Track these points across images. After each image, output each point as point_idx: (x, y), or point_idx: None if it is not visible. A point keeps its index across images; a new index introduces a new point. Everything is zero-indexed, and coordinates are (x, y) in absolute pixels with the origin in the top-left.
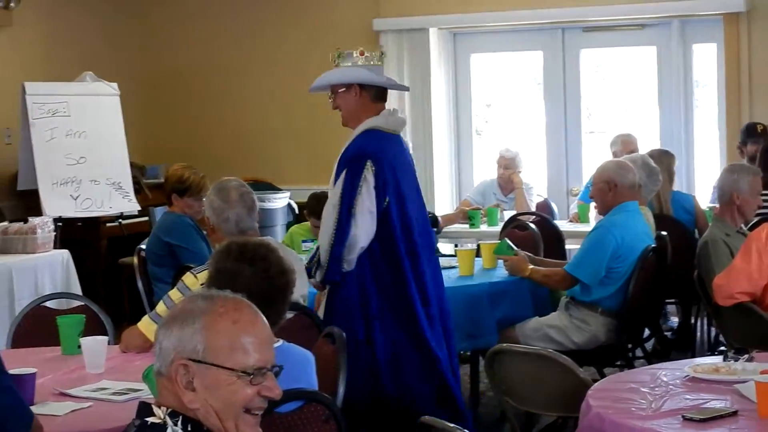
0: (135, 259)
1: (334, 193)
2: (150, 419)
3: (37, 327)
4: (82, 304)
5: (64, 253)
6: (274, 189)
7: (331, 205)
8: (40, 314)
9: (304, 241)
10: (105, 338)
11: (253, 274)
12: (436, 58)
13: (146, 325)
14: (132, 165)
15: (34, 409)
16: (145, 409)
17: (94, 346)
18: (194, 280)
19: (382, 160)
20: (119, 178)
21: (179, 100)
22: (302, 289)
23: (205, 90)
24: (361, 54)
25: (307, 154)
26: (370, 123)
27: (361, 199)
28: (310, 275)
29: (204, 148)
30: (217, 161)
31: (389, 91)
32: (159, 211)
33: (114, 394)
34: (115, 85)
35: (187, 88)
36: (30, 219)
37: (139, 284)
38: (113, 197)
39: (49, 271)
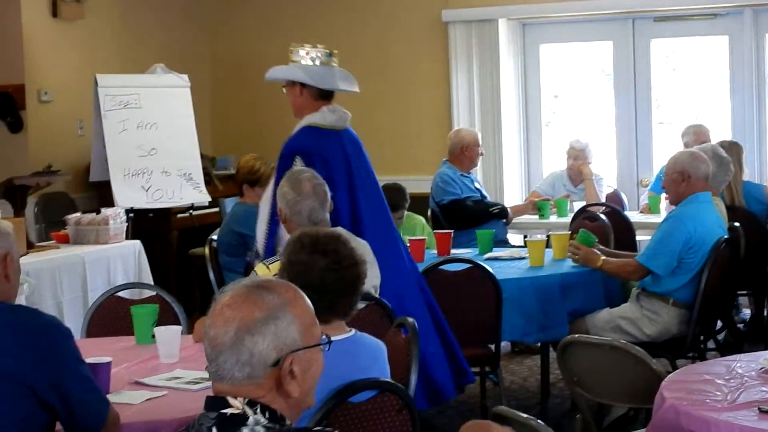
0: (206, 250)
1: (268, 187)
2: (228, 410)
3: (110, 317)
4: (155, 294)
5: (136, 244)
6: None
7: (266, 198)
8: (114, 304)
9: None
10: (179, 328)
11: (326, 266)
12: (504, 49)
13: None
14: (202, 156)
15: (109, 397)
16: (216, 401)
17: (168, 335)
18: (266, 270)
19: (312, 155)
20: (190, 169)
21: (249, 91)
22: (374, 279)
23: (275, 81)
24: (307, 53)
25: (375, 145)
26: (307, 120)
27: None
28: (251, 267)
29: (273, 139)
30: None
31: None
32: (229, 202)
33: (188, 383)
34: (185, 76)
35: (257, 79)
36: (102, 210)
37: (211, 275)
38: (184, 188)
39: (121, 262)
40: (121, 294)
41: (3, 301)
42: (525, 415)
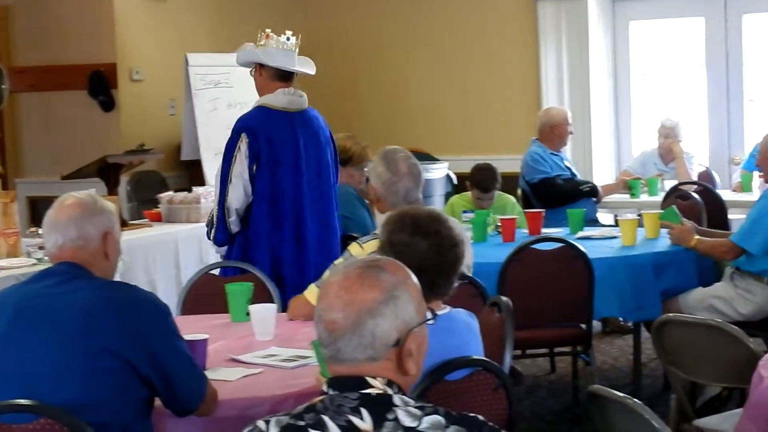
0: None
1: (220, 162)
2: (370, 391)
3: (204, 295)
4: (249, 272)
5: None
6: (433, 159)
7: (218, 172)
8: (208, 282)
9: (464, 212)
10: (274, 306)
11: (428, 249)
12: (594, 26)
13: (313, 294)
14: None
15: (207, 374)
16: (350, 382)
17: (264, 313)
18: (360, 250)
19: (257, 133)
20: None
21: (339, 71)
22: (468, 258)
23: (366, 61)
24: (267, 37)
25: (464, 125)
26: (261, 100)
27: (235, 167)
28: (208, 237)
29: (364, 118)
30: (377, 131)
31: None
32: None
33: (284, 360)
34: None
35: (347, 59)
36: (194, 189)
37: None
38: None
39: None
40: (214, 272)
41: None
42: (620, 394)
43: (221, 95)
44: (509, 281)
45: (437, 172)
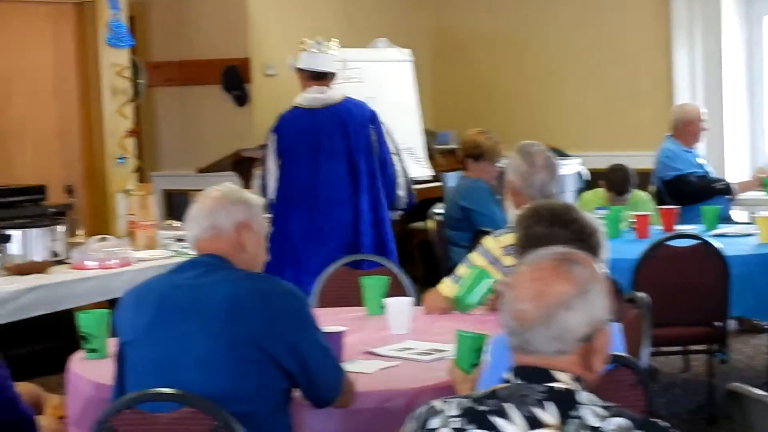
0: (430, 224)
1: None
2: (557, 385)
3: (340, 288)
4: (383, 266)
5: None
6: (564, 155)
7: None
8: (343, 275)
9: (597, 208)
10: (410, 299)
11: (569, 237)
12: (727, 20)
13: (448, 288)
14: (424, 131)
15: (344, 366)
16: (537, 373)
17: (399, 307)
18: (495, 243)
19: (282, 131)
20: (412, 143)
21: (470, 66)
22: (605, 253)
23: (496, 56)
24: (302, 44)
25: (596, 121)
26: (294, 100)
27: (267, 161)
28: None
29: (495, 113)
30: (508, 127)
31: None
32: (450, 177)
33: (420, 354)
34: (407, 51)
35: (478, 54)
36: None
37: (435, 248)
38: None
39: None
40: (350, 265)
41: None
42: (760, 392)
43: (353, 90)
44: (643, 277)
45: (569, 168)
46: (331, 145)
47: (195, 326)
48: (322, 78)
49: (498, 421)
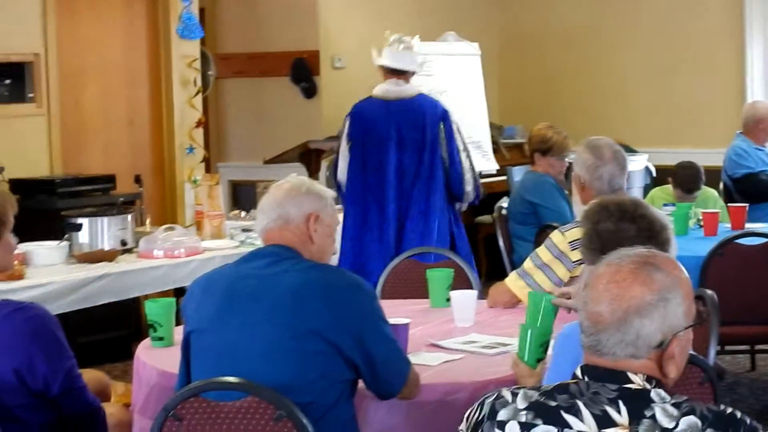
0: (496, 217)
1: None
2: (631, 386)
3: (404, 279)
4: (448, 258)
5: None
6: (632, 151)
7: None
8: (408, 267)
9: (665, 205)
10: (474, 292)
11: (638, 233)
12: None
13: (513, 281)
14: (490, 125)
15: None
16: (608, 373)
17: (464, 299)
18: (562, 237)
19: (355, 117)
20: (479, 137)
21: (537, 60)
22: (674, 249)
23: (564, 50)
24: (384, 39)
25: (665, 117)
26: (372, 91)
27: (341, 144)
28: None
29: (561, 108)
30: (574, 122)
31: None
32: (516, 171)
33: (484, 347)
34: (476, 45)
35: (545, 48)
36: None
37: (500, 242)
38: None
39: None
40: (414, 257)
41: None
42: None
43: (422, 83)
44: (711, 275)
45: (636, 164)
46: (398, 136)
47: (260, 316)
48: (401, 73)
49: (569, 417)
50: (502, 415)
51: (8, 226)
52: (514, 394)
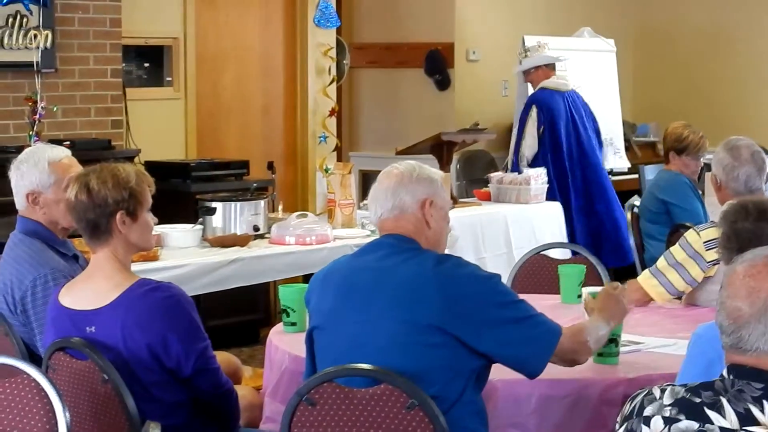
0: (628, 216)
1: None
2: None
3: (535, 274)
4: (580, 255)
5: (556, 206)
6: None
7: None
8: (539, 262)
9: None
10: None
11: None
12: None
13: (646, 280)
14: (623, 122)
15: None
16: (757, 373)
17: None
18: (697, 237)
19: (541, 105)
20: (611, 134)
21: (673, 57)
22: None
23: (700, 48)
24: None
25: None
26: (543, 84)
27: (527, 127)
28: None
29: (697, 108)
30: (710, 122)
31: None
32: (648, 170)
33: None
34: (611, 41)
35: (681, 45)
36: (525, 170)
37: (631, 240)
38: (605, 153)
39: (542, 222)
40: (546, 253)
41: (427, 248)
42: None
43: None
44: None
45: None
46: (583, 123)
47: (379, 311)
48: (554, 69)
49: (711, 413)
50: (648, 411)
51: (146, 205)
52: (663, 391)
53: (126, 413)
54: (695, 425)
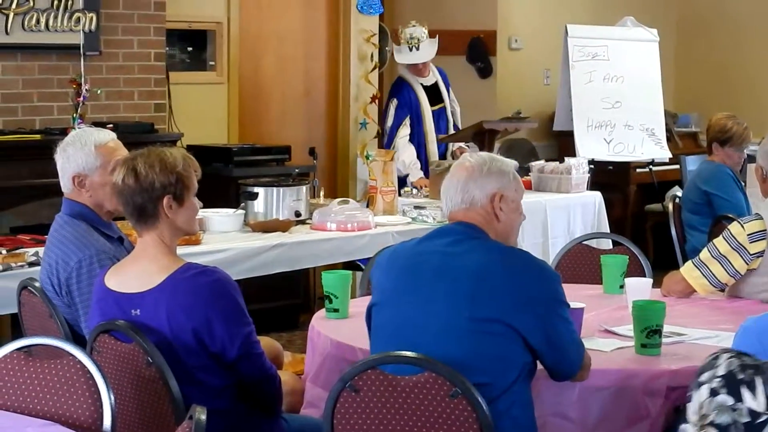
0: (669, 206)
1: None
2: None
3: (576, 264)
4: (622, 245)
5: (597, 195)
6: None
7: None
8: (580, 252)
9: None
10: (650, 280)
11: None
12: None
13: (688, 271)
14: (665, 112)
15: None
16: None
17: (639, 286)
18: (741, 229)
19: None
20: (652, 124)
21: (715, 48)
22: None
23: (742, 39)
24: None
25: None
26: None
27: None
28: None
29: (739, 98)
30: (752, 113)
31: None
32: (690, 160)
33: None
34: (654, 31)
35: (724, 36)
36: (566, 159)
37: (672, 231)
38: (645, 143)
39: (582, 212)
40: (587, 243)
41: (496, 240)
42: None
43: (597, 68)
44: None
45: None
46: None
47: (440, 295)
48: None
49: (745, 392)
50: (703, 377)
51: (192, 190)
52: (716, 357)
53: (170, 396)
54: (730, 401)
